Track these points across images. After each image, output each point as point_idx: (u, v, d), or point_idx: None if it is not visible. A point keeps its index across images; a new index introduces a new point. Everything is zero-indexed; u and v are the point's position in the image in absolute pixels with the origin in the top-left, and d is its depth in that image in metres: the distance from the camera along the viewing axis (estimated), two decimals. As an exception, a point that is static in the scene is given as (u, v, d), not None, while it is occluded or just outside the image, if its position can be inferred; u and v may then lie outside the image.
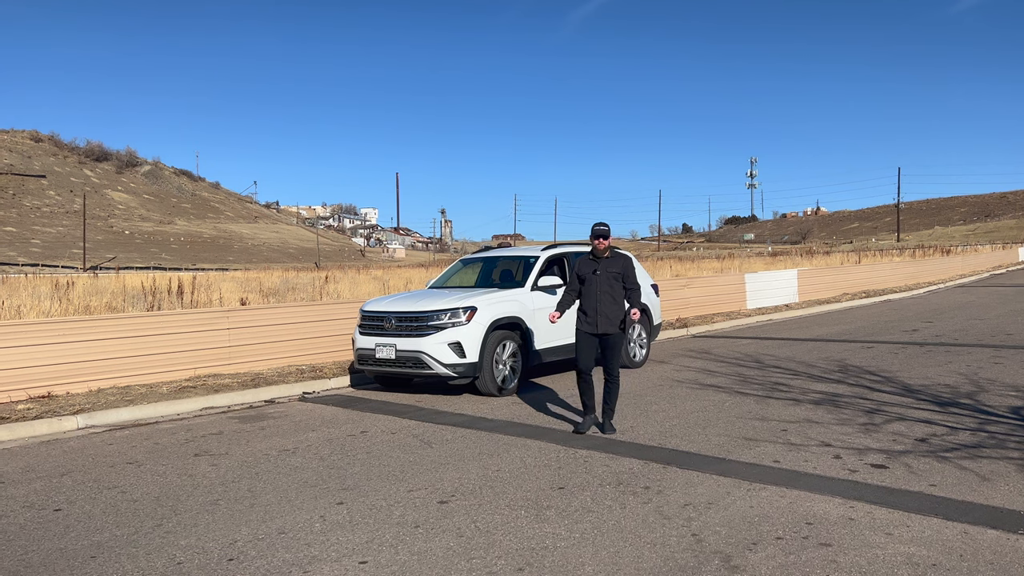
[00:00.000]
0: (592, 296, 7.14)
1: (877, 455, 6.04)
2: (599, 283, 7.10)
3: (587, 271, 7.20)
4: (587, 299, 7.19)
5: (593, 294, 7.13)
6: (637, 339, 11.22)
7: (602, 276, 7.10)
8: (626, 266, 7.19)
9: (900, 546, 4.23)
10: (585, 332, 7.17)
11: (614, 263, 7.18)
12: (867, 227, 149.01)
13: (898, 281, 28.15)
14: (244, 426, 8.01)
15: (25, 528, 4.98)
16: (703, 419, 7.56)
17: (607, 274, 7.11)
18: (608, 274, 7.11)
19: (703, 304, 18.42)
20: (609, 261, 7.18)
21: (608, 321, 7.08)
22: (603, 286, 7.10)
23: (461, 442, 6.99)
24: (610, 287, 7.11)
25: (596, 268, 7.13)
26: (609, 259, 7.19)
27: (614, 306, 7.11)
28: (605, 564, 4.13)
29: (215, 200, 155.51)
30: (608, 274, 7.11)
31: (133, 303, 15.69)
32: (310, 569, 4.18)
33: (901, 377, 9.54)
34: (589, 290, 7.16)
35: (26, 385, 9.06)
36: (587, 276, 7.17)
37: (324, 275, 29.08)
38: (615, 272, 7.13)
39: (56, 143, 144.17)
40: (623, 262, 7.22)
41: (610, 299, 7.10)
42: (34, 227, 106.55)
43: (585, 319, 7.20)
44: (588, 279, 7.17)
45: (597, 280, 7.10)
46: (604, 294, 7.09)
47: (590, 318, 7.14)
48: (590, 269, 7.19)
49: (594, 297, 7.12)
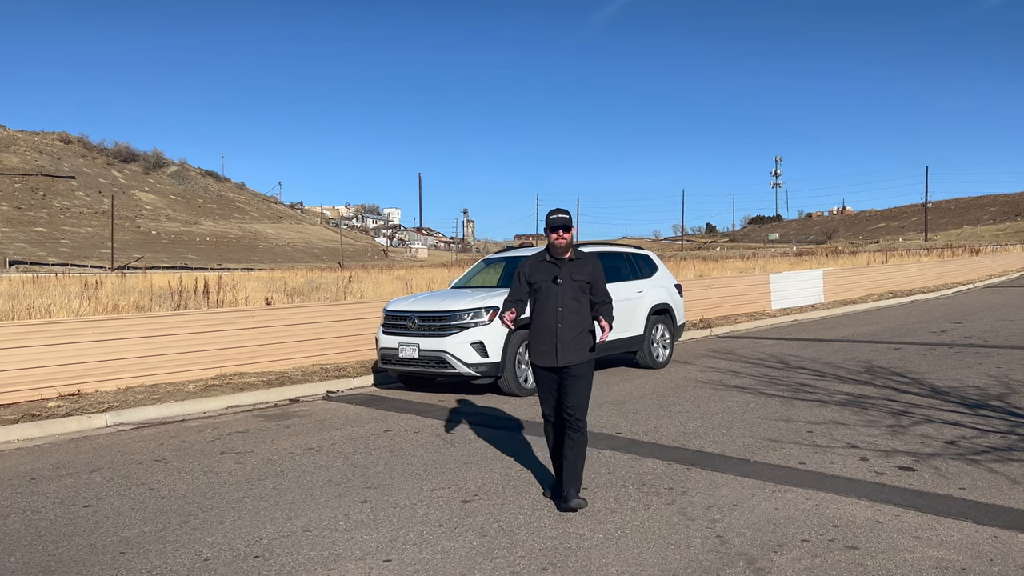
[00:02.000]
0: (549, 314, 5.16)
1: (905, 457, 5.97)
2: (560, 296, 5.15)
3: (543, 278, 5.22)
4: (542, 317, 5.20)
5: (551, 311, 5.16)
6: (660, 339, 11.17)
7: (565, 286, 5.16)
8: (595, 272, 5.27)
9: (929, 550, 4.17)
10: (541, 367, 5.25)
11: (581, 268, 5.23)
12: (894, 227, 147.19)
13: (926, 281, 27.78)
14: (269, 424, 8.08)
15: (56, 524, 5.06)
16: (727, 420, 7.51)
17: (572, 283, 5.17)
18: (573, 283, 5.17)
19: (727, 304, 18.31)
20: (574, 265, 5.21)
21: (572, 349, 5.14)
22: (566, 300, 5.15)
23: (484, 441, 7.00)
24: (576, 301, 5.18)
25: (556, 275, 5.18)
26: (574, 262, 5.23)
27: (580, 328, 5.17)
28: (629, 565, 4.11)
29: (240, 200, 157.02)
30: (573, 283, 5.17)
31: (160, 302, 15.88)
32: (335, 567, 4.21)
33: (929, 379, 9.41)
34: (545, 305, 5.19)
35: (56, 383, 9.21)
36: (543, 285, 5.22)
37: (347, 275, 29.26)
38: (582, 280, 5.20)
39: (85, 144, 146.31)
40: (592, 266, 5.27)
41: (576, 318, 5.17)
42: (64, 227, 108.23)
43: (539, 347, 5.21)
44: (544, 289, 5.21)
45: (558, 291, 5.16)
46: (568, 311, 5.15)
47: (546, 346, 5.17)
48: (547, 276, 5.21)
49: (552, 315, 5.15)
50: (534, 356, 5.28)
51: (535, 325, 5.25)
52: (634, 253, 11.59)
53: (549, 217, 5.19)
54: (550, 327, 5.15)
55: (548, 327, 5.16)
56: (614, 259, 11.01)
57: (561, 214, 5.18)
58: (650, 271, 11.53)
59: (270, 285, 23.28)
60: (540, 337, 5.21)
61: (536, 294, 5.26)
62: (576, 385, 5.14)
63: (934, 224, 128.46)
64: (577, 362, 5.14)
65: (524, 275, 5.34)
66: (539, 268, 5.28)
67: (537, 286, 5.25)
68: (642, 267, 11.43)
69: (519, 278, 5.36)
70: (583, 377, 5.17)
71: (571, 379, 5.14)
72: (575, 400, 5.14)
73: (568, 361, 5.13)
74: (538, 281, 5.24)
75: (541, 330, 5.21)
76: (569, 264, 5.21)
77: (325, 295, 19.39)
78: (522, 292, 5.36)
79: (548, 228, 5.18)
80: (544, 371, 5.25)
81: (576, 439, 5.14)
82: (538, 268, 5.28)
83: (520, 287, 5.37)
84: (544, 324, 5.19)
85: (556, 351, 5.13)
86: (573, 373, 5.13)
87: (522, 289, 5.36)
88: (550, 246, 5.25)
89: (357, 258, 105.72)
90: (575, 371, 5.14)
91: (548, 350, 5.16)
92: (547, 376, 5.25)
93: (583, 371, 5.17)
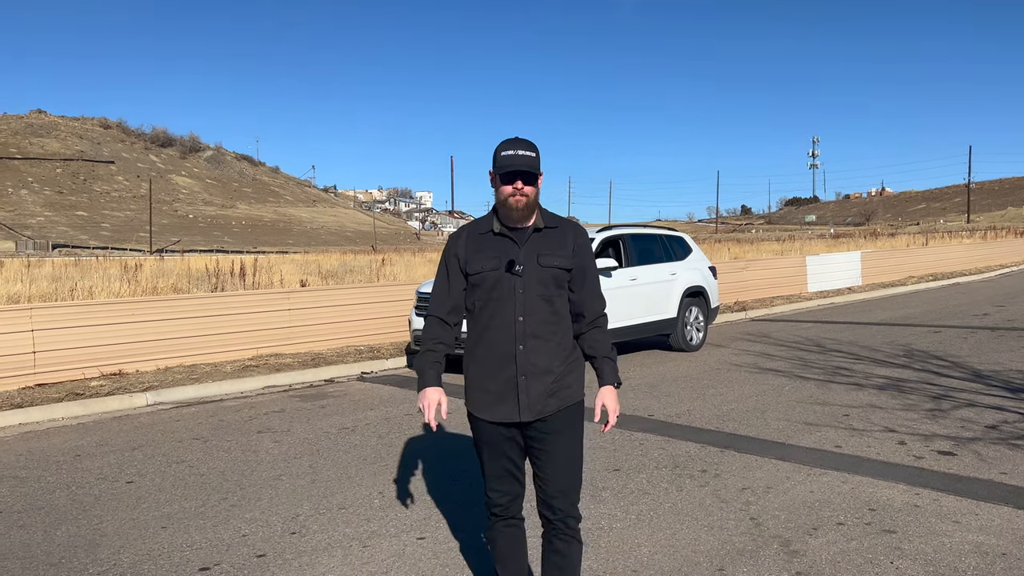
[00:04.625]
0: (503, 326, 2.90)
1: (944, 441, 5.87)
2: (522, 294, 2.90)
3: (489, 264, 2.93)
4: (491, 333, 2.93)
5: (505, 321, 2.90)
6: (694, 322, 11.09)
7: (529, 277, 2.90)
8: (582, 250, 3.01)
9: (968, 534, 4.11)
10: (487, 422, 2.97)
11: (555, 243, 2.96)
12: (935, 208, 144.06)
13: (968, 264, 27.21)
14: (305, 404, 8.19)
15: (100, 499, 5.19)
16: (762, 403, 7.44)
17: (541, 271, 2.91)
18: (544, 271, 2.92)
19: (762, 287, 18.11)
20: (542, 239, 2.96)
21: (548, 385, 2.92)
22: (532, 300, 2.90)
23: (516, 423, 7.02)
24: (547, 304, 2.93)
25: (514, 257, 2.90)
26: (541, 233, 2.96)
27: (559, 347, 2.95)
28: (661, 546, 4.11)
29: (275, 184, 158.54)
30: (544, 271, 2.92)
31: (197, 285, 16.16)
32: (370, 544, 4.26)
33: (970, 362, 9.23)
34: (496, 312, 2.92)
35: (99, 363, 9.43)
36: (489, 277, 2.93)
37: (380, 258, 29.44)
38: (557, 266, 2.93)
39: (123, 129, 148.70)
40: (574, 239, 3.01)
41: (549, 329, 2.94)
42: (104, 211, 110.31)
43: (486, 384, 2.95)
44: (492, 284, 2.93)
45: (516, 287, 2.89)
46: (537, 319, 2.91)
47: (498, 382, 2.92)
48: (498, 259, 2.92)
49: (508, 328, 2.90)
50: (475, 403, 2.97)
51: (478, 347, 2.95)
52: (668, 235, 11.49)
53: (500, 154, 2.86)
54: (505, 350, 2.88)
55: (501, 350, 2.88)
56: (647, 241, 10.93)
57: (522, 149, 2.85)
58: (684, 253, 11.43)
59: (304, 268, 23.53)
60: (487, 367, 2.92)
61: (477, 292, 2.94)
62: (560, 449, 2.92)
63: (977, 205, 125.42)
64: (558, 408, 2.91)
65: (457, 259, 2.98)
66: (482, 246, 2.94)
67: (479, 278, 2.92)
68: (676, 249, 11.34)
69: (446, 267, 3.01)
70: (569, 433, 2.95)
71: (550, 439, 2.91)
72: (562, 478, 2.92)
73: (543, 409, 2.89)
74: (481, 269, 2.91)
75: (489, 356, 2.91)
76: (535, 238, 2.92)
77: (359, 278, 19.55)
78: (456, 295, 2.99)
79: (499, 174, 2.85)
80: (493, 428, 2.94)
81: (567, 553, 2.95)
82: (481, 246, 2.94)
83: (450, 285, 3.00)
84: (494, 345, 2.90)
85: (518, 391, 2.87)
86: (553, 429, 2.92)
87: (455, 289, 2.99)
88: (501, 207, 2.91)
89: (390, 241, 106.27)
90: (556, 425, 2.92)
91: (502, 390, 2.89)
92: (499, 436, 2.95)
93: (570, 422, 2.95)
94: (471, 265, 2.97)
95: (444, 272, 3.05)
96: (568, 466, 2.96)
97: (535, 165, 2.88)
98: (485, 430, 3.00)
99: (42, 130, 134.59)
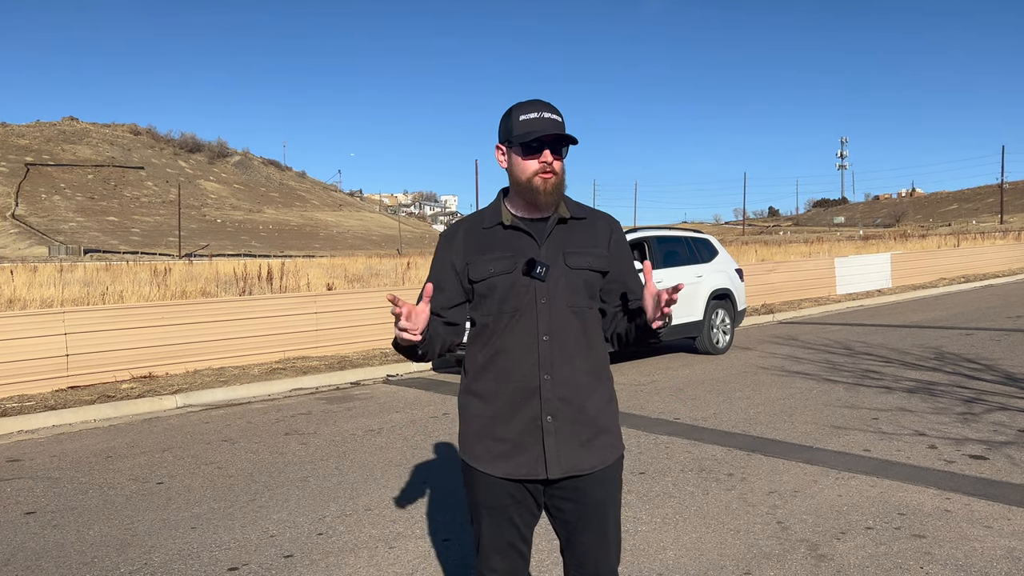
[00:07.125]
0: (521, 349, 2.13)
1: (976, 446, 5.78)
2: (547, 305, 2.13)
3: (501, 266, 2.15)
4: (511, 357, 2.14)
5: (524, 342, 2.13)
6: (720, 324, 11.01)
7: (556, 282, 2.14)
8: (619, 244, 2.28)
9: (1000, 539, 4.04)
10: (496, 478, 2.17)
11: (586, 236, 2.21)
12: (967, 209, 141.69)
13: (1001, 265, 26.75)
14: (331, 407, 8.26)
15: (131, 499, 5.27)
16: (789, 406, 7.37)
17: (571, 274, 2.16)
18: (574, 274, 2.16)
19: (790, 289, 17.95)
20: (567, 232, 2.20)
21: (584, 432, 2.15)
22: (559, 313, 2.13)
23: (541, 425, 7.02)
24: (578, 318, 2.16)
25: (535, 256, 2.13)
26: (568, 225, 2.20)
27: (595, 384, 2.19)
28: (687, 549, 4.09)
29: (301, 189, 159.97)
30: (574, 274, 2.16)
31: (226, 289, 16.34)
32: (396, 545, 4.29)
33: (1003, 365, 9.07)
34: (513, 330, 2.14)
35: (129, 366, 9.57)
36: (500, 283, 2.15)
37: (406, 261, 29.58)
38: (588, 268, 2.18)
39: (153, 135, 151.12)
40: (610, 231, 2.27)
41: (582, 352, 2.17)
42: (134, 216, 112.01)
43: (497, 430, 2.16)
44: (505, 293, 2.15)
45: (537, 295, 2.13)
46: (566, 340, 2.14)
47: (516, 426, 2.13)
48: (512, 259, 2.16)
49: (530, 352, 2.13)
50: (480, 455, 2.21)
51: (484, 379, 2.22)
52: (694, 237, 11.43)
53: (519, 119, 2.14)
54: (525, 382, 2.15)
55: (520, 382, 2.15)
56: (673, 243, 10.88)
57: (547, 111, 2.14)
58: (710, 255, 11.36)
59: (331, 272, 23.71)
60: (499, 406, 2.18)
61: (484, 305, 2.22)
62: (600, 517, 2.20)
63: (1010, 206, 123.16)
64: (595, 467, 2.18)
65: (454, 268, 2.25)
66: (489, 243, 2.21)
67: (487, 286, 2.19)
68: (702, 251, 11.27)
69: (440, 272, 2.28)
70: (612, 502, 2.23)
71: (587, 510, 2.20)
72: (601, 556, 2.22)
73: (577, 464, 2.16)
74: (490, 274, 2.18)
75: (502, 390, 2.17)
76: (559, 231, 2.21)
77: (384, 281, 19.67)
78: (455, 296, 2.27)
79: (519, 144, 2.13)
80: (501, 487, 2.19)
81: None
82: (486, 243, 2.22)
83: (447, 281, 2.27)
84: (510, 375, 2.16)
85: (543, 436, 2.14)
86: (590, 496, 2.19)
87: (453, 291, 2.27)
88: (522, 191, 2.17)
89: (415, 245, 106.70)
90: (593, 490, 2.19)
91: (522, 436, 2.15)
92: (508, 499, 2.20)
93: (612, 486, 2.23)
94: (475, 270, 2.18)
95: (440, 272, 2.26)
96: (609, 534, 2.22)
97: (563, 132, 2.14)
98: (490, 490, 2.18)
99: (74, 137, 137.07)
